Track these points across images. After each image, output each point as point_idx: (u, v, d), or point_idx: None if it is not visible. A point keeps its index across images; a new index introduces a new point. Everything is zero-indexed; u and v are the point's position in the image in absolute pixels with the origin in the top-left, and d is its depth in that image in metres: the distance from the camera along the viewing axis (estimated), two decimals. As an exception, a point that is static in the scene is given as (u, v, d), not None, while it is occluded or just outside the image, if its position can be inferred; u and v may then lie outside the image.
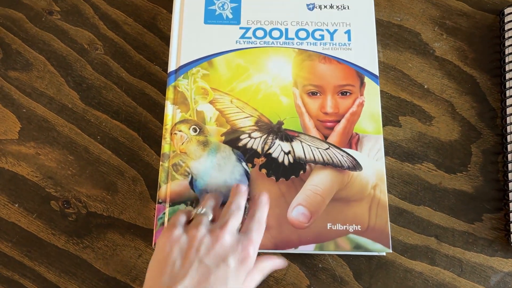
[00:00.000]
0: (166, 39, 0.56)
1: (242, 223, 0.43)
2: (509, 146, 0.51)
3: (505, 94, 0.53)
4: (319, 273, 0.48)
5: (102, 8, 0.58)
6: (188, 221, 0.42)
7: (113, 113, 0.53)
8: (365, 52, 0.53)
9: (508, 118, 0.52)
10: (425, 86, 0.55)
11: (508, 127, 0.52)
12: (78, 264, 0.48)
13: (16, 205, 0.50)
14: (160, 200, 0.48)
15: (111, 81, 0.55)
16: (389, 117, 0.53)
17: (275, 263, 0.44)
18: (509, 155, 0.51)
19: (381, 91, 0.53)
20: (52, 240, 0.49)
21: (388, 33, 0.57)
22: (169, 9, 0.57)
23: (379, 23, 0.57)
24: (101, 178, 0.51)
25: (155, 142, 0.52)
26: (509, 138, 0.51)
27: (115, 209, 0.50)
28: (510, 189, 0.50)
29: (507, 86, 0.53)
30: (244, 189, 0.45)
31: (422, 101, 0.54)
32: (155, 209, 0.50)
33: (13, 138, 0.52)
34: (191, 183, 0.48)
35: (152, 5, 0.58)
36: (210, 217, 0.42)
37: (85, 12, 0.57)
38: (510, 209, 0.49)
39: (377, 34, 0.55)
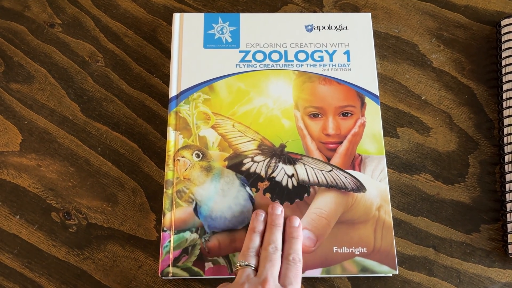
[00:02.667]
0: (166, 51, 0.57)
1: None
2: (506, 157, 0.51)
3: (502, 105, 0.53)
4: None
5: (102, 21, 0.58)
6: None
7: (114, 125, 0.54)
8: (365, 72, 0.54)
9: (505, 129, 0.52)
10: (423, 98, 0.55)
11: (505, 138, 0.52)
12: (78, 276, 0.48)
13: (17, 217, 0.50)
14: (165, 228, 0.48)
15: (111, 93, 0.55)
16: (387, 128, 0.54)
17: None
18: (506, 166, 0.51)
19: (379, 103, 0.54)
20: (53, 251, 0.49)
21: (386, 45, 0.57)
22: (169, 22, 0.58)
23: (377, 35, 0.58)
24: (101, 189, 0.51)
25: (155, 153, 0.53)
26: (506, 149, 0.52)
27: (115, 220, 0.50)
28: (507, 199, 0.50)
29: (504, 97, 0.53)
30: (279, 219, 0.46)
31: (419, 112, 0.55)
32: (155, 220, 0.50)
33: (15, 150, 0.53)
34: (196, 209, 0.48)
35: (152, 18, 0.59)
36: (253, 265, 0.43)
37: (86, 25, 0.58)
38: (508, 220, 0.49)
39: (374, 45, 0.56)
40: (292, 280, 0.42)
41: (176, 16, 0.56)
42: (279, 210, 0.47)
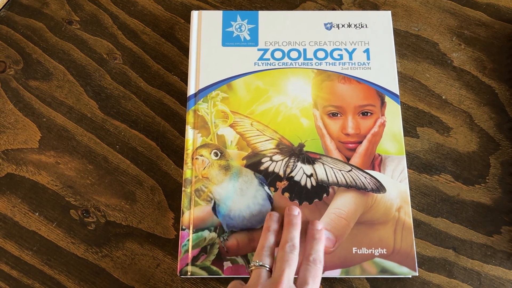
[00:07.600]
0: (184, 49, 0.57)
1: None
2: (528, 158, 0.51)
3: (524, 105, 0.53)
4: None
5: (120, 18, 0.58)
6: None
7: (132, 122, 0.54)
8: (385, 71, 0.53)
9: (527, 130, 0.52)
10: (443, 97, 0.55)
11: (527, 139, 0.51)
12: (97, 273, 0.48)
13: (37, 214, 0.50)
14: (183, 227, 0.48)
15: (129, 90, 0.55)
16: (407, 128, 0.53)
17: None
18: (528, 167, 0.51)
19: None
20: (72, 248, 0.49)
21: (406, 43, 0.57)
22: (187, 19, 0.58)
23: (397, 33, 0.57)
24: (120, 187, 0.51)
25: (174, 151, 0.52)
26: (528, 150, 0.51)
27: (134, 218, 0.50)
28: (529, 201, 0.49)
29: (526, 97, 0.53)
30: (296, 219, 0.45)
31: (440, 112, 0.54)
32: (173, 218, 0.50)
33: (34, 147, 0.53)
34: (214, 208, 0.48)
35: (169, 15, 0.58)
36: (268, 266, 0.42)
37: (104, 22, 0.58)
38: (529, 222, 0.49)
39: (394, 44, 0.55)
40: (309, 281, 0.41)
41: (194, 14, 0.55)
42: (296, 211, 0.46)
